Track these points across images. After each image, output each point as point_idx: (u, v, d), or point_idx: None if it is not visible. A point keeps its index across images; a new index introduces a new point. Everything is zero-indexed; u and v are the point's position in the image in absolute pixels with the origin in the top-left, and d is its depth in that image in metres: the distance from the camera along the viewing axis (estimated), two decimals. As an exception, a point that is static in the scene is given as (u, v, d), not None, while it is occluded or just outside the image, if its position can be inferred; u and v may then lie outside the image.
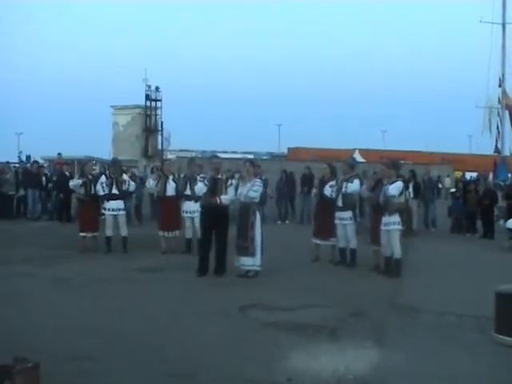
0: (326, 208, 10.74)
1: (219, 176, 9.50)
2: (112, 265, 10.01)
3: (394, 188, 9.42)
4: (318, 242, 10.87)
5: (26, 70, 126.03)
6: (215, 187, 9.27)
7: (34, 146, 56.52)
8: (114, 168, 11.97)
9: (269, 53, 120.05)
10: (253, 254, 9.03)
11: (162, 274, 9.39)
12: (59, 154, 23.76)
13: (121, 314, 6.74)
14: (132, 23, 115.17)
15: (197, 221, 11.30)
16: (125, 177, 12.05)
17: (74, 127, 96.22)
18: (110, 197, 11.38)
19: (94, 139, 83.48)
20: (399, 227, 9.49)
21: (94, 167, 18.54)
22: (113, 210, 11.42)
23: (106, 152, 45.91)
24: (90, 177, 11.82)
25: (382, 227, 9.50)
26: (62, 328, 6.13)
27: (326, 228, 10.69)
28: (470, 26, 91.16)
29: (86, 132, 78.10)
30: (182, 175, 11.95)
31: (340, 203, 10.35)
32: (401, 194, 9.52)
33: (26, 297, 7.54)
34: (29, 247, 11.71)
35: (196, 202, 11.23)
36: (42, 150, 42.46)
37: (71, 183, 12.11)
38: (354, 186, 10.33)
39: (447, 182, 35.50)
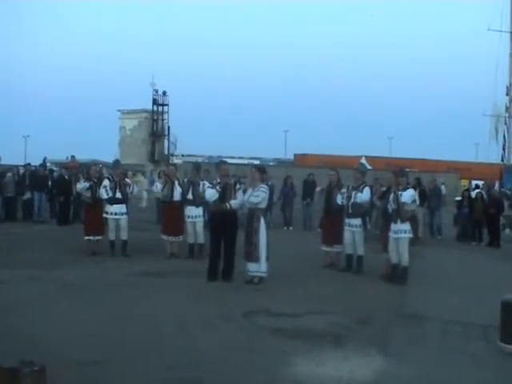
0: (333, 215, 10.75)
1: (228, 181, 9.51)
2: (117, 269, 10.00)
3: (408, 195, 9.43)
4: (327, 248, 10.85)
5: (33, 72, 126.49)
6: (225, 193, 9.28)
7: (40, 148, 56.63)
8: (116, 169, 11.96)
9: (276, 59, 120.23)
10: (257, 260, 9.01)
11: (167, 278, 9.39)
12: (73, 156, 23.91)
13: (126, 319, 6.73)
14: (140, 27, 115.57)
15: (199, 226, 11.36)
16: (128, 180, 12.04)
17: (81, 131, 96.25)
18: (114, 201, 11.40)
19: (101, 143, 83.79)
20: (409, 235, 9.49)
21: (103, 170, 18.60)
22: (115, 214, 11.42)
23: (112, 156, 45.95)
24: (95, 180, 11.86)
25: (392, 234, 9.49)
26: (68, 333, 6.13)
27: (332, 234, 10.70)
28: (478, 34, 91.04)
29: (93, 136, 78.28)
30: (185, 180, 11.94)
31: (350, 210, 10.37)
32: (414, 201, 9.52)
33: (32, 301, 7.54)
34: (34, 250, 11.71)
35: (198, 207, 11.25)
36: (48, 153, 42.36)
37: (78, 186, 12.12)
38: (363, 196, 10.33)
39: (443, 189, 35.13)
